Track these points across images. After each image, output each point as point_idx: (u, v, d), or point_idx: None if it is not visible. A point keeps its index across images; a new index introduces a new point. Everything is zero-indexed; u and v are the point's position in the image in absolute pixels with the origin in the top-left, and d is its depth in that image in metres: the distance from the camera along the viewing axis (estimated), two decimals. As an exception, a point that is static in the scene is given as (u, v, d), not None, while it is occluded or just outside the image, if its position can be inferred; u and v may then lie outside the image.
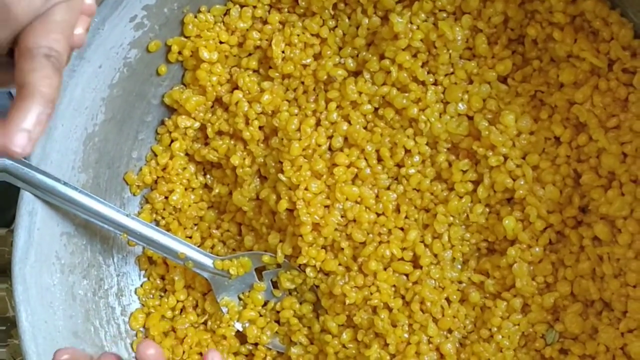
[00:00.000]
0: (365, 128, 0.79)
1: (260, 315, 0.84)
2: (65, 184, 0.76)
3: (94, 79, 0.78)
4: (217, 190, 0.85)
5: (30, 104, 0.49)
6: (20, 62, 0.51)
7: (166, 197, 0.86)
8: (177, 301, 0.86)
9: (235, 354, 0.85)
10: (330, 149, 0.80)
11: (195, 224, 0.86)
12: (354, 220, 0.79)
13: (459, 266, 0.78)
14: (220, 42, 0.82)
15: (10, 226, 0.78)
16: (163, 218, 0.86)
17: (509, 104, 0.75)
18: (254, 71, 0.83)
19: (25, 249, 0.76)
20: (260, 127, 0.82)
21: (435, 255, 0.78)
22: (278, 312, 0.84)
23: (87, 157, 0.80)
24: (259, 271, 0.84)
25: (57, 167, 0.77)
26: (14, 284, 0.76)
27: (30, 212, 0.76)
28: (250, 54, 0.83)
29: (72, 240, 0.80)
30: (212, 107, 0.84)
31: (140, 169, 0.86)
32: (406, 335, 0.77)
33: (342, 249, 0.79)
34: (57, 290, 0.78)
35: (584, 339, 0.73)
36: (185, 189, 0.86)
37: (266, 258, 0.82)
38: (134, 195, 0.86)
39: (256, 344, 0.84)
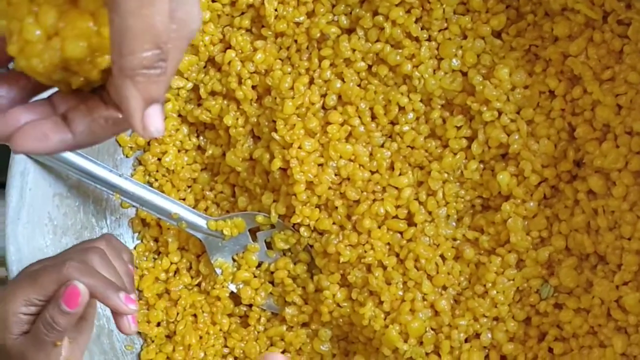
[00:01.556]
0: (359, 86, 0.78)
1: (255, 276, 0.84)
2: (57, 143, 0.75)
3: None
4: (210, 152, 0.85)
5: None
6: None
7: (159, 159, 0.85)
8: (171, 263, 0.85)
9: (230, 315, 0.84)
10: (323, 107, 0.79)
11: (189, 186, 0.86)
12: (348, 179, 0.78)
13: (454, 223, 0.78)
14: (213, 1, 0.82)
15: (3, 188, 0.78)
16: (156, 180, 0.85)
17: (503, 59, 0.75)
18: (247, 30, 0.82)
19: (17, 209, 0.75)
20: (253, 87, 0.81)
21: (430, 213, 0.78)
22: (272, 272, 0.83)
23: (79, 117, 0.79)
24: (253, 232, 0.83)
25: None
26: (6, 244, 0.75)
27: (22, 172, 0.76)
28: (242, 13, 0.82)
29: (64, 201, 0.79)
30: (204, 67, 0.84)
31: (133, 130, 0.85)
32: (400, 293, 0.77)
33: (336, 207, 0.79)
34: (49, 251, 0.77)
35: (578, 293, 0.73)
36: (179, 151, 0.85)
37: (260, 218, 0.82)
38: (127, 157, 0.85)
39: (250, 305, 0.84)
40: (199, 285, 0.85)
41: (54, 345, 0.62)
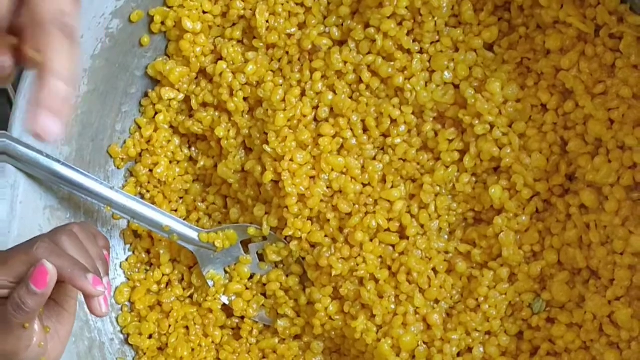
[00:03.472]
0: (350, 98, 0.78)
1: (247, 289, 0.83)
2: (47, 156, 0.75)
3: (76, 49, 0.77)
4: (202, 163, 0.84)
5: (56, 84, 0.46)
6: (35, 36, 0.47)
7: (151, 170, 0.85)
8: (163, 275, 0.85)
9: (222, 327, 0.84)
10: (315, 119, 0.79)
11: (181, 197, 0.86)
12: (340, 191, 0.78)
13: (446, 236, 0.78)
14: (204, 12, 0.81)
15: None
16: (148, 191, 0.85)
17: (495, 72, 0.74)
18: (238, 41, 0.82)
19: (7, 223, 0.75)
20: (244, 98, 0.81)
21: (422, 226, 0.78)
22: (264, 285, 0.83)
23: (70, 129, 0.79)
24: (245, 244, 0.83)
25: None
26: (-4, 258, 0.75)
27: (13, 185, 0.75)
28: (234, 24, 0.82)
29: (55, 213, 0.79)
30: (196, 78, 0.83)
31: (125, 142, 0.85)
32: (393, 306, 0.77)
33: (328, 220, 0.78)
34: (41, 264, 0.77)
35: (571, 308, 0.73)
36: (170, 162, 0.85)
37: (252, 230, 0.82)
38: (118, 168, 0.85)
39: (242, 317, 0.84)
40: (191, 297, 0.85)
41: (23, 327, 0.61)
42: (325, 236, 0.79)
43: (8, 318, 0.60)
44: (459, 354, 0.76)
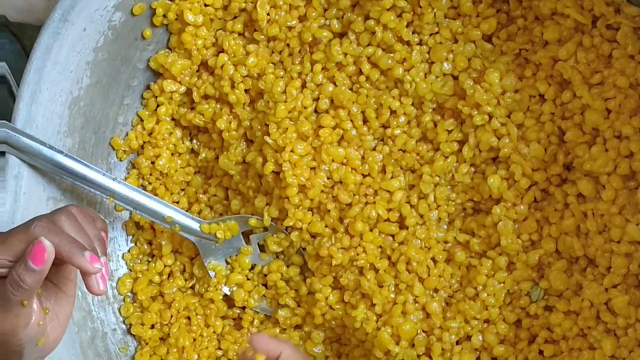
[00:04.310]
0: (350, 89, 0.79)
1: (248, 279, 0.84)
2: (50, 147, 0.76)
3: (79, 42, 0.77)
4: (203, 155, 0.85)
5: None
6: None
7: (153, 162, 0.86)
8: (165, 266, 0.86)
9: (223, 317, 0.85)
10: (316, 110, 0.80)
11: (182, 189, 0.87)
12: (340, 182, 0.79)
13: (445, 226, 0.79)
14: (205, 5, 0.82)
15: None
16: (150, 183, 0.86)
17: (494, 63, 0.75)
18: (239, 34, 0.82)
19: (11, 213, 0.76)
20: (246, 90, 0.82)
21: (421, 216, 0.78)
22: (265, 275, 0.84)
23: (72, 121, 0.80)
24: (246, 235, 0.84)
25: (42, 131, 0.77)
26: (0, 249, 0.75)
27: (16, 176, 0.76)
28: (235, 17, 0.82)
29: (58, 205, 0.80)
30: (197, 71, 0.84)
31: (127, 134, 0.86)
32: (392, 296, 0.77)
33: (329, 210, 0.79)
34: (44, 254, 0.78)
35: (568, 296, 0.74)
36: (172, 154, 0.86)
37: (253, 221, 0.82)
38: (121, 160, 0.86)
39: (244, 308, 0.84)
40: (192, 287, 0.86)
41: (22, 305, 0.62)
42: (326, 226, 0.80)
43: (7, 296, 0.61)
44: (457, 342, 0.76)
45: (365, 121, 0.79)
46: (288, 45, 0.80)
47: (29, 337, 0.63)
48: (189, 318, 0.85)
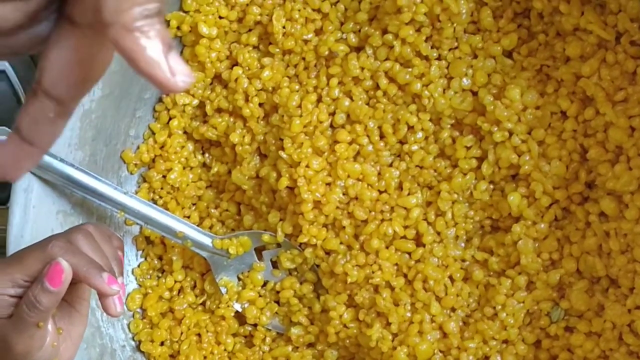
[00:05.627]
0: (367, 104, 0.78)
1: (260, 296, 0.83)
2: (61, 160, 0.75)
3: (91, 53, 0.76)
4: (215, 169, 0.84)
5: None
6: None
7: (164, 176, 0.84)
8: (175, 281, 0.84)
9: (234, 335, 0.84)
10: (331, 125, 0.79)
11: (194, 204, 0.85)
12: (356, 198, 0.77)
13: (463, 244, 0.77)
14: (220, 17, 0.81)
15: (7, 203, 0.77)
16: (161, 197, 0.85)
17: (515, 79, 0.74)
18: (254, 47, 0.81)
19: (20, 227, 0.75)
20: (260, 104, 0.80)
21: (439, 233, 0.77)
22: (278, 292, 0.82)
23: (83, 133, 0.79)
24: (259, 251, 0.83)
25: (52, 144, 0.75)
26: (9, 262, 0.74)
27: (26, 189, 0.75)
28: (250, 30, 0.81)
29: (68, 219, 0.79)
30: (211, 83, 0.83)
31: (138, 147, 0.84)
32: (409, 314, 0.76)
33: (344, 227, 0.78)
34: (53, 269, 0.76)
35: (590, 316, 0.72)
36: (184, 168, 0.85)
37: (266, 237, 0.81)
38: (132, 174, 0.85)
39: (255, 325, 0.83)
40: (203, 304, 0.84)
41: (37, 326, 0.61)
42: (341, 243, 0.78)
43: (22, 317, 0.60)
44: (475, 363, 0.75)
45: (382, 137, 0.78)
46: (304, 58, 0.79)
47: (43, 359, 0.62)
48: (199, 335, 0.83)
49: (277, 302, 0.83)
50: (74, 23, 0.39)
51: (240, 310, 0.83)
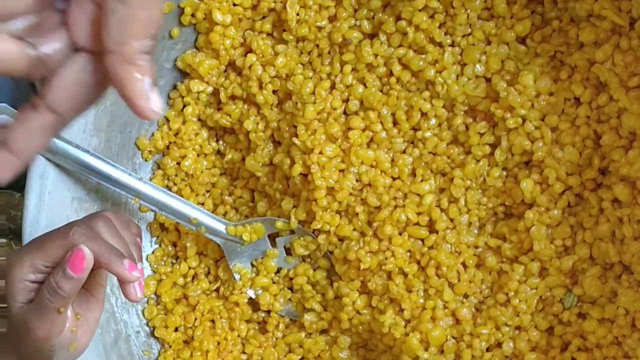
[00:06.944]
0: (381, 91, 0.78)
1: (273, 282, 0.83)
2: (76, 146, 0.75)
3: (106, 40, 0.77)
4: (229, 156, 0.84)
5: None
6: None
7: (178, 163, 0.85)
8: (189, 268, 0.85)
9: (248, 321, 0.84)
10: (345, 112, 0.79)
11: (208, 191, 0.86)
12: (369, 185, 0.78)
13: (476, 230, 0.77)
14: (234, 5, 0.81)
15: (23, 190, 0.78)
16: (175, 184, 0.85)
17: (528, 65, 0.74)
18: (268, 34, 0.82)
19: (35, 213, 0.75)
20: (274, 91, 0.81)
21: (452, 220, 0.77)
22: (291, 278, 0.83)
23: (98, 120, 0.79)
24: (272, 238, 0.83)
25: (67, 129, 0.75)
26: (24, 248, 0.75)
27: (42, 175, 0.75)
28: (264, 17, 0.82)
29: (83, 205, 0.79)
30: (225, 71, 0.83)
31: (153, 134, 0.85)
32: (421, 301, 0.76)
33: (357, 213, 0.78)
34: (68, 255, 0.77)
35: (602, 303, 0.72)
36: (198, 155, 0.85)
37: (279, 224, 0.81)
38: (146, 160, 0.85)
39: (269, 311, 0.83)
40: (217, 290, 0.85)
41: (58, 312, 0.61)
42: (354, 230, 0.79)
43: (44, 302, 0.61)
44: (488, 349, 0.75)
45: (395, 123, 0.78)
46: (317, 45, 0.79)
47: (62, 343, 0.63)
48: (213, 321, 0.84)
49: (291, 289, 0.83)
50: (81, 48, 0.44)
51: (253, 296, 0.83)
